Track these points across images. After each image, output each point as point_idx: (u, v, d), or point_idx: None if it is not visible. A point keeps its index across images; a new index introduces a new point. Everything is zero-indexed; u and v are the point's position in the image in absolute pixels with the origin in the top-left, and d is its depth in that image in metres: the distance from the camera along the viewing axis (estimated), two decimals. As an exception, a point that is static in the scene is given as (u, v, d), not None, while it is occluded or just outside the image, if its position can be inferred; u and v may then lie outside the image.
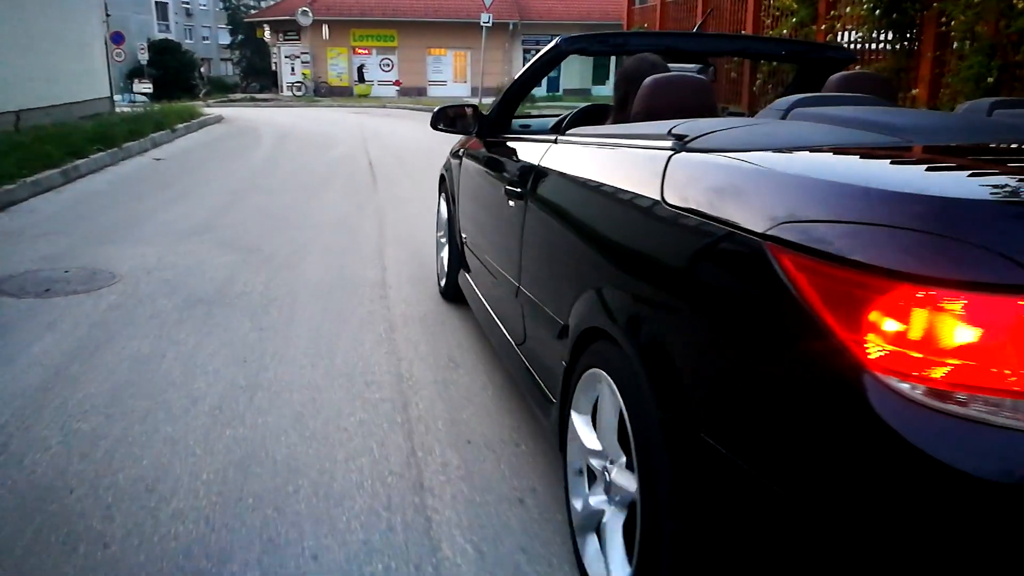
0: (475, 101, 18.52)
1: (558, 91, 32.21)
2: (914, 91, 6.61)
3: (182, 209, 6.37)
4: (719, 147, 1.47)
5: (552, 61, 2.72)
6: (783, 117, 1.76)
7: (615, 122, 2.54)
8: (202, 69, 37.17)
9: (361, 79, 32.53)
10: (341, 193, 7.39)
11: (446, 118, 3.29)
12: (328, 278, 4.34)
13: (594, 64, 35.76)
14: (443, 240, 4.03)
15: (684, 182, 1.47)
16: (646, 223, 1.57)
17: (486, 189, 3.04)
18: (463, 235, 3.53)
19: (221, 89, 29.87)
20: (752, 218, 1.22)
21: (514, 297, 2.51)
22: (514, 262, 2.50)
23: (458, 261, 3.69)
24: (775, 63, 7.59)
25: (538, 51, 2.87)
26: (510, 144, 2.85)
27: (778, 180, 1.27)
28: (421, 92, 32.13)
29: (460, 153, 3.64)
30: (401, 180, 8.38)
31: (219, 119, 16.75)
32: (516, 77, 3.00)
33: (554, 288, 2.13)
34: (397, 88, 30.62)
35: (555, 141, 2.35)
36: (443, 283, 3.99)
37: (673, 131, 1.61)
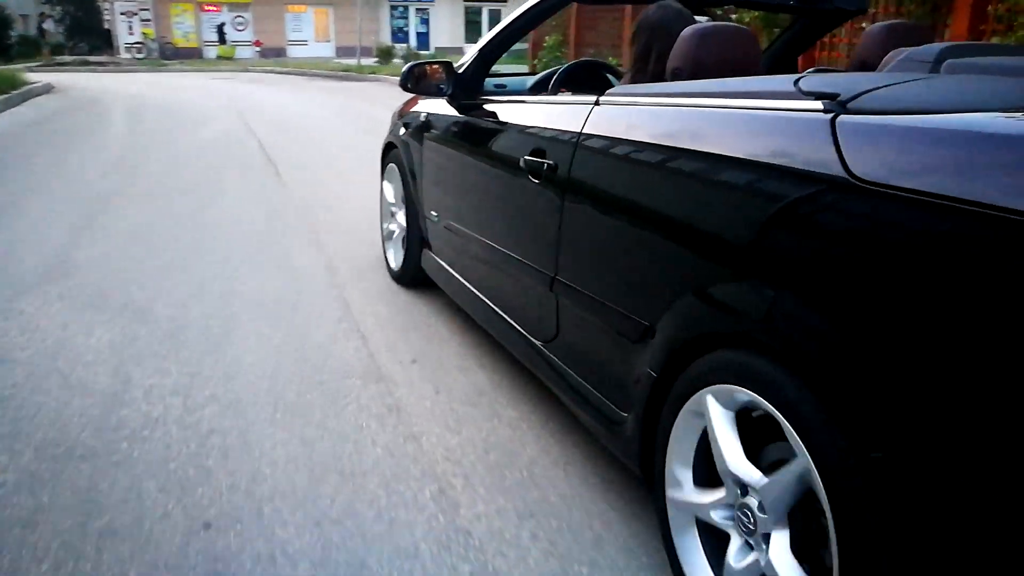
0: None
1: (428, 47, 30.48)
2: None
3: (9, 236, 4.37)
4: (896, 108, 1.23)
5: (556, 5, 2.51)
6: (933, 70, 1.54)
7: (636, 81, 2.23)
8: (44, 24, 31.99)
9: (222, 39, 29.28)
10: (238, 194, 5.57)
11: (415, 78, 2.92)
12: (282, 371, 2.67)
13: (466, 20, 34.39)
14: (391, 222, 3.66)
15: (884, 152, 1.18)
16: (818, 203, 1.25)
17: (477, 162, 2.71)
18: (432, 214, 3.09)
19: (37, 51, 25.47)
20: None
21: (545, 289, 2.14)
22: (545, 249, 2.13)
23: (420, 243, 3.32)
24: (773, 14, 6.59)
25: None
26: (507, 108, 2.55)
27: None
28: (280, 53, 29.45)
29: (423, 119, 3.16)
30: (310, 165, 6.63)
31: (49, 88, 13.97)
32: (502, 25, 2.66)
33: (631, 282, 1.76)
34: (257, 49, 27.61)
35: (597, 103, 1.99)
36: (398, 267, 3.58)
37: (810, 89, 1.37)
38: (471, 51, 2.88)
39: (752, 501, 1.39)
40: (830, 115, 1.27)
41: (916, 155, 1.15)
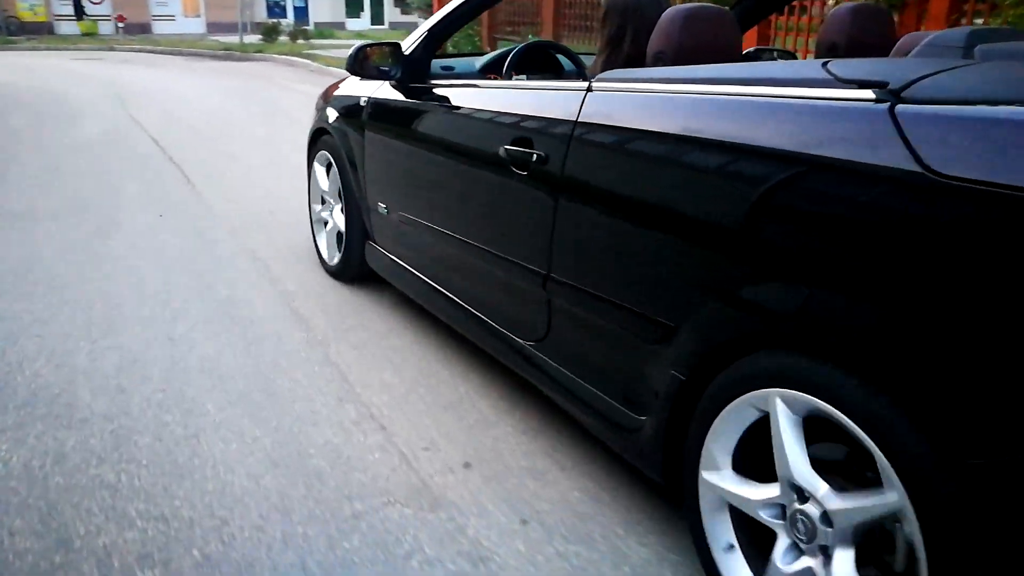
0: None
1: (308, 24, 28.88)
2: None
3: None
4: (953, 98, 1.19)
5: None
6: (965, 56, 1.44)
7: (609, 64, 2.11)
8: None
9: (79, 13, 26.54)
10: (145, 214, 4.59)
11: (359, 62, 2.74)
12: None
13: (348, -5, 33.21)
14: (325, 213, 3.50)
15: (961, 145, 1.13)
16: (892, 199, 1.19)
17: (438, 152, 2.53)
18: (380, 206, 2.96)
19: None
20: None
21: (534, 287, 2.01)
22: (535, 245, 1.99)
23: (362, 234, 3.19)
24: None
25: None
26: (469, 93, 2.45)
27: None
28: (145, 29, 27.11)
29: (363, 104, 3.01)
30: (227, 169, 5.68)
31: None
32: (455, 4, 2.57)
33: (648, 282, 1.66)
34: (121, 25, 25.12)
35: (589, 89, 1.86)
36: (335, 261, 3.43)
37: (849, 76, 1.33)
38: (419, 30, 2.74)
39: (812, 511, 1.35)
40: (884, 104, 1.24)
41: (999, 147, 1.10)
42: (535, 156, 1.97)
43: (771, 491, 1.43)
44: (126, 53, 18.89)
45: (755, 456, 1.47)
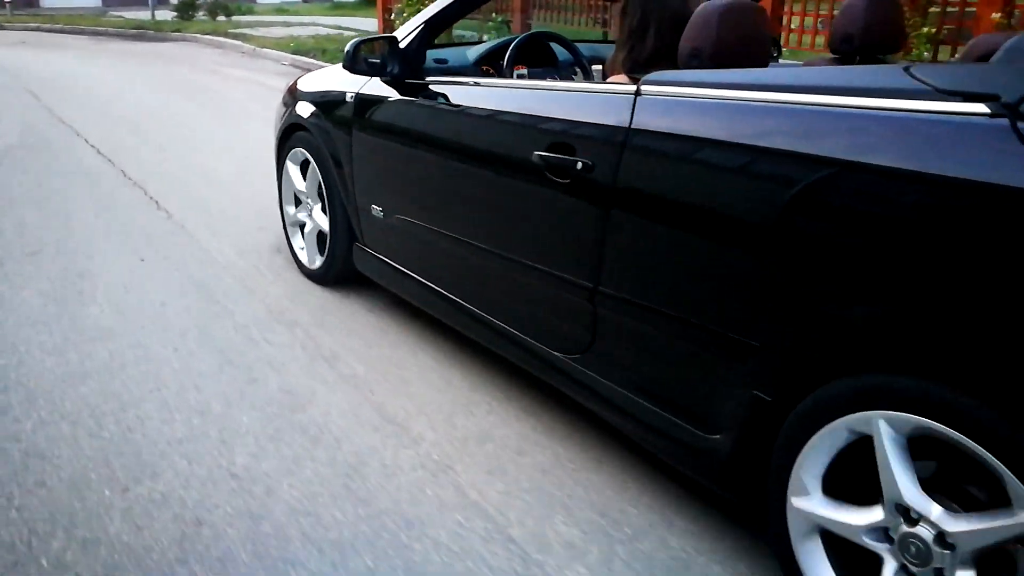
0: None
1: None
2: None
3: None
4: None
5: None
6: None
7: (632, 60, 2.09)
8: None
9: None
10: (123, 265, 3.66)
11: (360, 58, 2.58)
12: None
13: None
14: (303, 215, 3.31)
15: None
16: (1013, 217, 1.17)
17: (449, 154, 2.41)
18: (374, 208, 2.77)
19: None
20: None
21: (578, 300, 1.95)
22: (579, 257, 1.93)
23: (347, 236, 3.01)
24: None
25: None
26: (488, 93, 2.35)
27: None
28: (31, 3, 24.70)
29: (350, 100, 2.80)
30: (204, 185, 4.72)
31: None
32: None
33: (725, 299, 1.59)
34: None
35: (638, 92, 1.77)
36: (316, 264, 3.25)
37: (949, 87, 1.30)
38: (413, 21, 2.61)
39: (925, 533, 1.33)
40: (1003, 120, 1.22)
41: None
42: (579, 164, 1.87)
43: (874, 515, 1.41)
44: (19, 32, 16.93)
45: (846, 479, 1.47)
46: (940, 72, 1.40)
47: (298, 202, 3.37)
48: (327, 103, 3.00)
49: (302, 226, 3.34)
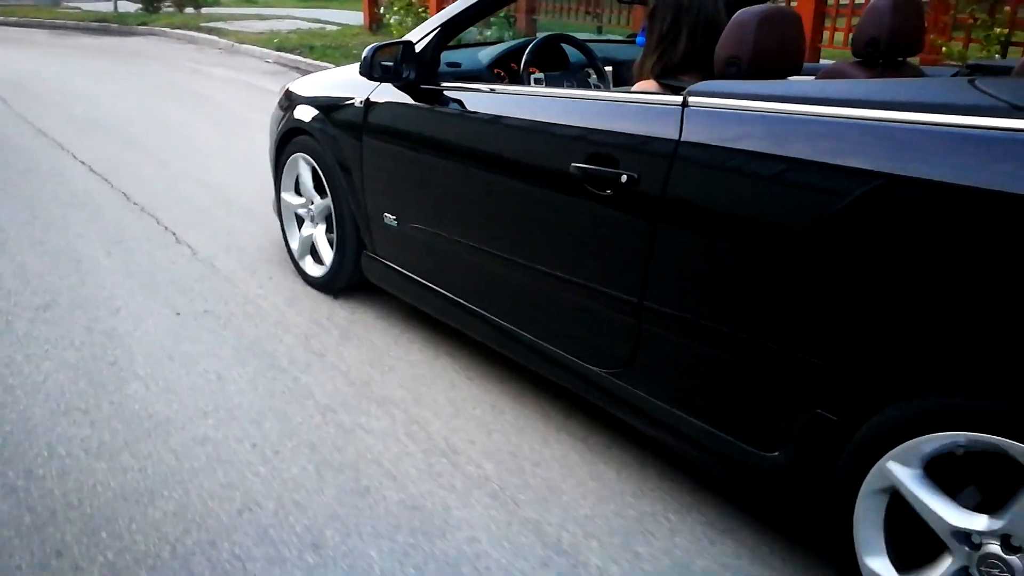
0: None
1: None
2: None
3: None
4: None
5: None
6: None
7: (663, 65, 2.05)
8: None
9: None
10: (157, 321, 3.12)
11: (377, 65, 2.50)
12: None
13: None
14: (308, 226, 3.22)
15: None
16: None
17: (475, 164, 2.34)
18: (388, 216, 2.71)
19: None
20: None
21: (620, 315, 1.92)
22: (622, 271, 1.90)
23: (355, 244, 2.95)
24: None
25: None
26: (517, 101, 2.23)
27: None
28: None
29: (360, 105, 2.74)
30: (226, 214, 4.13)
31: None
32: None
33: (790, 318, 1.56)
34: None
35: (685, 103, 1.73)
36: (322, 272, 3.17)
37: (1017, 101, 1.31)
38: (429, 24, 2.54)
39: (993, 548, 1.36)
40: None
41: None
42: (624, 177, 1.83)
43: (946, 561, 1.41)
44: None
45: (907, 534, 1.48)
46: (1014, 87, 1.41)
47: (295, 214, 3.30)
48: (333, 107, 2.92)
49: (308, 232, 3.24)
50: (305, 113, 3.03)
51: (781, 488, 1.69)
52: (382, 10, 11.22)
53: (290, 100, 3.19)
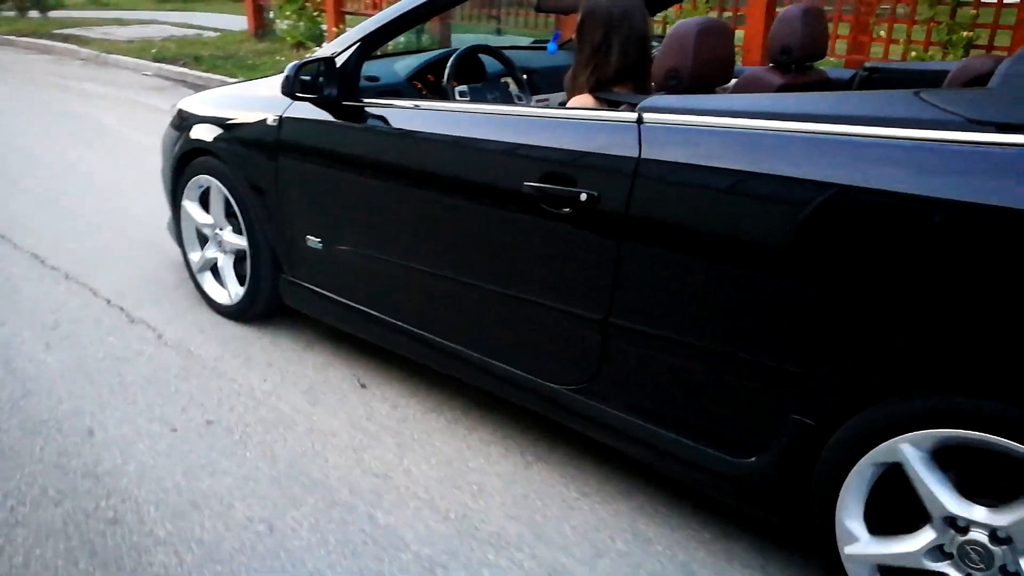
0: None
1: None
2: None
3: None
4: None
5: None
6: None
7: (597, 79, 2.08)
8: None
9: None
10: (153, 442, 2.43)
11: (301, 83, 2.39)
12: None
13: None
14: (212, 251, 3.06)
15: None
16: None
17: (414, 184, 2.26)
18: (311, 239, 2.60)
19: None
20: None
21: (584, 331, 1.93)
22: (586, 289, 1.90)
23: (272, 268, 2.80)
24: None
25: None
26: (454, 118, 2.21)
27: None
28: None
29: (271, 123, 2.60)
30: (172, 276, 3.41)
31: None
32: (407, 6, 2.33)
33: (762, 328, 1.62)
34: None
35: (640, 120, 1.77)
36: (234, 298, 2.98)
37: (974, 116, 1.38)
38: (348, 36, 2.44)
39: (979, 536, 1.43)
40: None
41: None
42: (584, 195, 1.82)
43: (926, 536, 1.49)
44: None
45: (885, 511, 1.57)
46: (958, 100, 1.46)
47: (201, 237, 3.12)
48: (240, 125, 2.77)
49: (214, 260, 3.07)
50: (206, 132, 2.87)
51: (760, 492, 1.74)
52: (272, 15, 10.31)
53: (185, 119, 3.04)
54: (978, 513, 1.42)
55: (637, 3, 2.11)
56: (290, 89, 2.40)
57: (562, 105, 2.20)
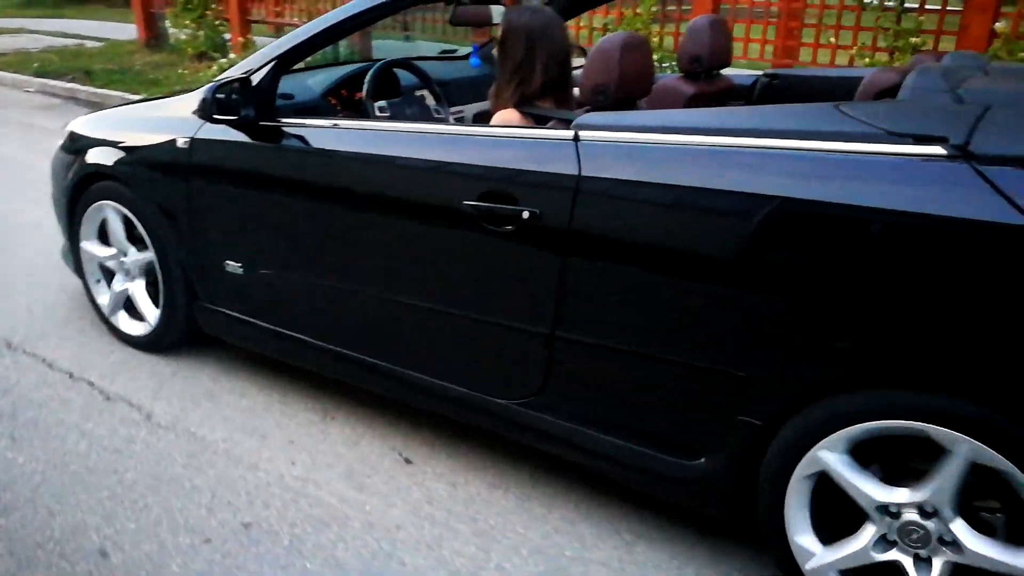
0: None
1: None
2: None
3: None
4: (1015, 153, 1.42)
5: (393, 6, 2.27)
6: (953, 96, 1.64)
7: (522, 94, 2.13)
8: None
9: None
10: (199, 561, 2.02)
11: (220, 105, 2.34)
12: None
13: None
14: (121, 280, 2.92)
15: None
16: (1003, 250, 1.38)
17: (346, 205, 2.23)
18: (231, 264, 2.52)
19: None
20: None
21: (531, 345, 1.95)
22: (530, 304, 1.93)
23: (186, 295, 2.70)
24: None
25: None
26: (383, 137, 2.19)
27: None
28: None
29: (181, 145, 2.51)
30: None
31: None
32: (322, 25, 2.28)
33: (708, 335, 1.70)
34: None
35: (576, 138, 1.82)
36: (149, 327, 2.85)
37: (897, 130, 1.51)
38: (263, 54, 2.38)
39: (911, 516, 1.57)
40: (958, 162, 1.42)
41: None
42: (526, 213, 1.85)
43: (869, 530, 1.63)
44: None
45: (828, 517, 1.69)
46: (876, 113, 1.58)
47: (103, 267, 2.97)
48: (146, 148, 2.66)
49: (122, 290, 2.93)
50: (106, 156, 2.75)
51: (710, 492, 1.82)
52: (168, 23, 9.53)
53: (78, 141, 2.90)
54: (902, 495, 1.57)
55: (555, 17, 2.18)
56: (208, 112, 2.37)
57: (483, 118, 2.31)
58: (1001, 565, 1.49)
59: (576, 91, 2.19)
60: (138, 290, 2.89)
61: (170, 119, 2.61)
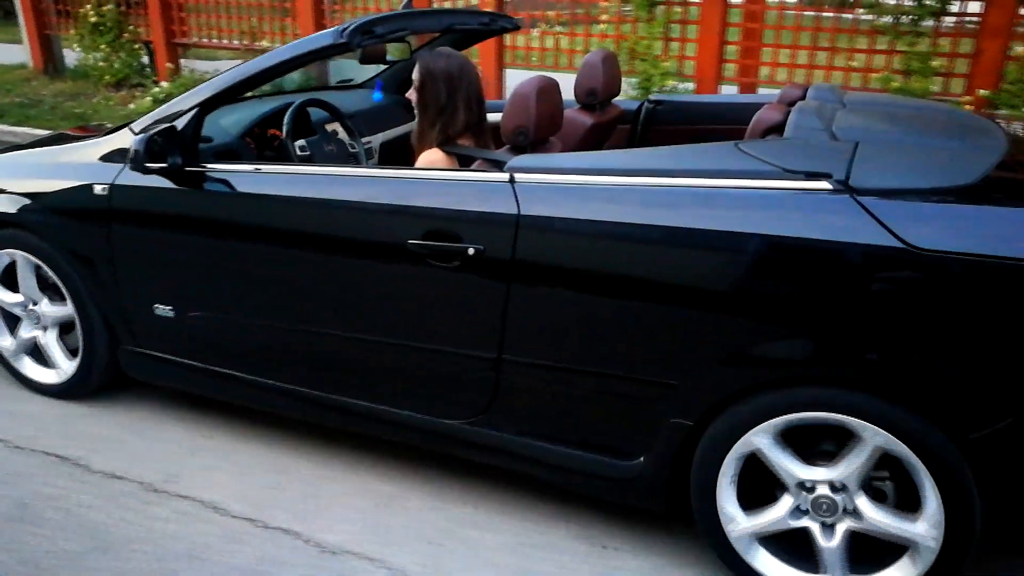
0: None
1: None
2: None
3: None
4: (900, 186, 1.75)
5: (322, 52, 2.32)
6: (828, 133, 1.98)
7: (445, 135, 2.35)
8: None
9: None
10: None
11: (153, 155, 2.39)
12: None
13: None
14: (30, 328, 2.93)
15: (934, 226, 1.68)
16: (881, 270, 1.71)
17: (284, 247, 2.35)
18: (161, 307, 2.60)
19: None
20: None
21: (478, 369, 2.16)
22: (477, 332, 2.13)
23: (108, 341, 2.77)
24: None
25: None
26: (315, 181, 2.31)
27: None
28: None
29: (100, 192, 2.56)
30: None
31: None
32: (248, 72, 2.38)
33: (640, 351, 1.98)
34: None
35: (512, 180, 2.06)
36: (66, 375, 2.89)
37: (791, 167, 1.81)
38: (184, 101, 2.47)
39: (823, 490, 1.90)
40: (843, 194, 1.75)
41: (963, 225, 1.67)
42: (471, 250, 2.04)
43: (787, 502, 1.95)
44: None
45: (749, 488, 2.00)
46: (769, 150, 1.91)
47: (7, 316, 3.00)
48: (55, 194, 2.70)
49: (33, 338, 2.95)
50: (8, 204, 2.77)
51: (647, 488, 2.07)
52: (75, 47, 8.44)
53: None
54: (818, 473, 1.89)
55: (466, 59, 2.38)
56: (141, 163, 2.36)
57: (391, 148, 2.87)
58: (893, 527, 1.85)
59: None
60: (51, 341, 2.91)
61: (81, 165, 2.63)
